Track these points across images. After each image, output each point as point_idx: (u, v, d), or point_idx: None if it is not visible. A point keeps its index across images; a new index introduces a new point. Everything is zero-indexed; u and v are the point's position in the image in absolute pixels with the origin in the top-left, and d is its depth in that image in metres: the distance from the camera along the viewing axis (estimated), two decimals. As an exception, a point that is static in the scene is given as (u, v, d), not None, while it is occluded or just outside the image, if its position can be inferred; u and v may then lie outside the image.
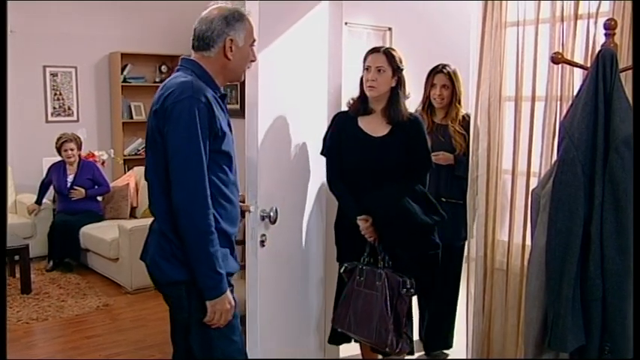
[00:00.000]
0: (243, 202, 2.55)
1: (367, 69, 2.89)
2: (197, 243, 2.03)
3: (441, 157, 3.30)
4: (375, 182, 2.90)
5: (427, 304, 3.58)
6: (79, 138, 6.23)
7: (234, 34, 2.13)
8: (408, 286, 2.84)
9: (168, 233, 2.10)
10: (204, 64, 2.16)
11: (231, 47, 2.14)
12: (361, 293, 2.90)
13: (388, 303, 2.83)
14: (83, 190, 6.03)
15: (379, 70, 2.86)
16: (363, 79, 2.90)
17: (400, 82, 2.90)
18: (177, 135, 2.02)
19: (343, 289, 2.98)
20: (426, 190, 2.97)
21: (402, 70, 2.90)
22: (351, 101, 2.99)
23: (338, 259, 3.08)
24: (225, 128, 2.15)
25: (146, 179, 2.26)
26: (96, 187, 6.17)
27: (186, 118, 2.01)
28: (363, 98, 2.93)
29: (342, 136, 2.96)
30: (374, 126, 2.94)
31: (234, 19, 2.14)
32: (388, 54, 2.89)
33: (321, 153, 3.00)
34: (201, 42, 2.16)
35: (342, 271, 2.98)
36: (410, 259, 2.91)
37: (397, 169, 2.90)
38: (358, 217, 2.88)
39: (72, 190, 6.01)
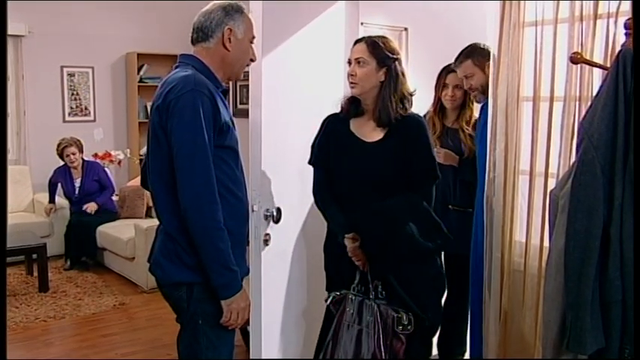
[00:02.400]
0: None
1: (349, 62, 2.58)
2: (206, 239, 1.99)
3: (441, 155, 3.10)
4: (367, 196, 2.53)
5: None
6: (80, 141, 6.26)
7: (233, 24, 2.13)
8: (405, 323, 2.43)
9: (173, 234, 2.06)
10: (204, 58, 2.15)
11: (230, 38, 2.12)
12: (352, 329, 2.51)
13: (382, 343, 2.43)
14: (95, 205, 6.08)
15: (359, 62, 2.52)
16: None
17: (391, 76, 2.52)
18: (181, 129, 1.98)
19: (329, 324, 2.61)
20: (430, 207, 2.56)
21: (394, 60, 2.52)
22: (343, 101, 2.65)
23: (327, 287, 2.74)
24: (229, 123, 2.11)
25: (142, 184, 2.22)
26: (101, 190, 6.25)
27: (190, 112, 1.98)
28: (352, 97, 2.61)
29: (330, 141, 2.63)
30: (367, 129, 2.59)
31: (234, 10, 2.14)
32: (370, 43, 2.54)
33: (309, 162, 2.70)
34: (200, 33, 2.16)
35: (328, 301, 2.59)
36: (405, 289, 2.51)
37: (394, 180, 2.53)
38: (345, 236, 2.56)
39: (85, 209, 6.07)
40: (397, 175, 2.53)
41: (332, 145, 2.63)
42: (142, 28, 7.40)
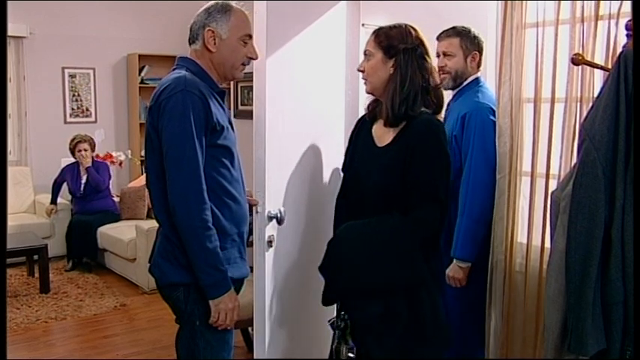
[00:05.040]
0: (251, 195, 2.50)
1: None
2: (193, 238, 2.00)
3: None
4: (368, 209, 2.27)
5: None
6: (93, 139, 6.31)
7: (214, 25, 2.13)
8: (343, 358, 2.21)
9: (170, 234, 2.07)
10: (197, 59, 2.17)
11: (214, 39, 2.13)
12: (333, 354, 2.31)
13: None
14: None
15: (366, 55, 2.29)
16: None
17: (399, 67, 2.21)
18: (170, 129, 2.00)
19: None
20: (420, 234, 2.18)
21: (404, 49, 2.21)
22: (368, 101, 2.46)
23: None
24: (224, 123, 2.12)
25: (147, 187, 2.24)
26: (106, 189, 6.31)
27: (180, 112, 1.99)
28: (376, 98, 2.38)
29: (352, 144, 2.45)
30: (381, 131, 2.32)
31: (216, 10, 2.14)
32: (377, 32, 2.27)
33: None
34: (190, 35, 2.18)
35: (329, 322, 2.39)
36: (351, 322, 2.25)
37: (393, 193, 2.21)
38: None
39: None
40: (395, 188, 2.21)
41: (352, 148, 2.44)
42: (143, 29, 7.41)
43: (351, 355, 2.22)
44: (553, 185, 2.56)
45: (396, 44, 2.22)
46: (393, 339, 2.17)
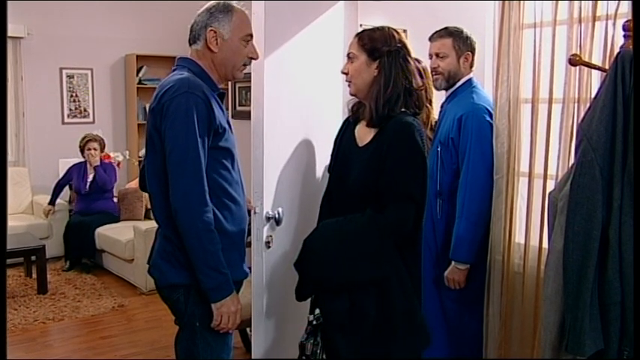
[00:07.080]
0: (249, 202, 2.50)
1: None
2: (195, 241, 1.99)
3: None
4: (348, 208, 2.28)
5: None
6: (103, 140, 6.36)
7: (217, 25, 2.12)
8: (308, 353, 2.27)
9: (171, 236, 2.06)
10: (198, 60, 2.16)
11: (216, 40, 2.13)
12: None
13: None
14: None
15: (350, 58, 2.31)
16: None
17: (383, 70, 2.22)
18: (173, 131, 1.99)
19: None
20: (391, 233, 2.17)
21: (388, 52, 2.22)
22: (352, 103, 2.46)
23: None
24: (225, 125, 2.11)
25: (141, 187, 2.22)
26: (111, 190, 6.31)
27: (183, 114, 1.98)
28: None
29: (336, 145, 2.48)
30: (363, 132, 2.34)
31: (218, 10, 2.14)
32: (360, 35, 2.30)
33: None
34: (191, 35, 2.18)
35: (309, 320, 2.38)
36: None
37: (368, 192, 2.22)
38: None
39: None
40: (372, 186, 2.22)
41: (336, 149, 2.47)
42: (141, 29, 7.40)
43: (315, 350, 2.27)
44: (551, 186, 2.57)
45: (380, 47, 2.24)
46: (361, 337, 2.18)
